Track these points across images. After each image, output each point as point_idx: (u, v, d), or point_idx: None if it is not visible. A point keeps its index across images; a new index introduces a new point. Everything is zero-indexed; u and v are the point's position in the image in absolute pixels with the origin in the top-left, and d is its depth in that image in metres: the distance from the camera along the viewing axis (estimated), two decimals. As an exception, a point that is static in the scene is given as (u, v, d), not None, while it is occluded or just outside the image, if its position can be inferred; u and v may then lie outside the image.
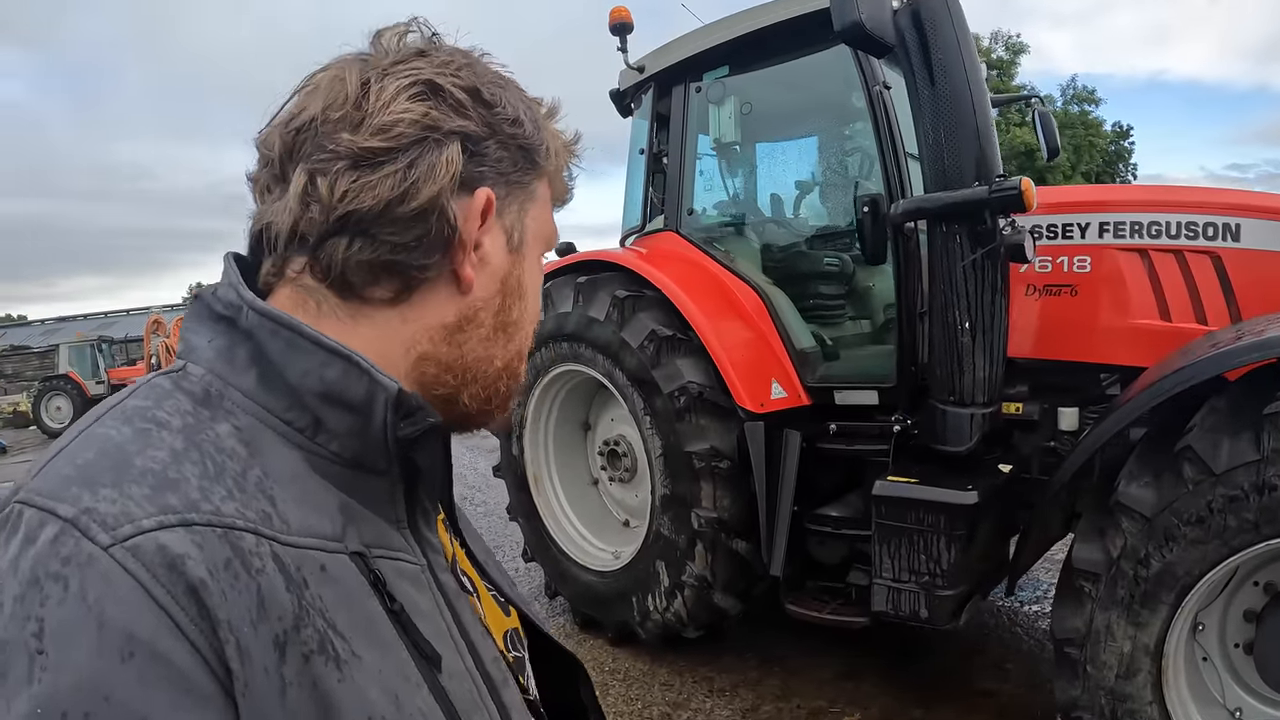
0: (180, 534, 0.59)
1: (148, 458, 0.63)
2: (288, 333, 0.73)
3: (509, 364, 0.90)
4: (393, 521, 0.78)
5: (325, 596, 0.66)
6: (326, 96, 0.77)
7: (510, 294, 0.88)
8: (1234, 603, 2.96)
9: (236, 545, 0.61)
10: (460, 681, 0.75)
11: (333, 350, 0.73)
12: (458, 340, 0.84)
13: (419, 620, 0.74)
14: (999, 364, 3.44)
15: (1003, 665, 4.43)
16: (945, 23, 3.24)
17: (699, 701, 4.23)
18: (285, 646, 0.61)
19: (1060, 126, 25.63)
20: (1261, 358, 2.65)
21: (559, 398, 5.16)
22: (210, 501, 0.62)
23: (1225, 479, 2.62)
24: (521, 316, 0.90)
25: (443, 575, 0.82)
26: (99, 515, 0.58)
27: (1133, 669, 2.87)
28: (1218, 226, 3.40)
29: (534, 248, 0.91)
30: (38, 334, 41.09)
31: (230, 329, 0.75)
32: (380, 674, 0.67)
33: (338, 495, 0.73)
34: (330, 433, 0.73)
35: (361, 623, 0.68)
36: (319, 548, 0.68)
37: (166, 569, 0.57)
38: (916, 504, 3.39)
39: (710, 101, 4.73)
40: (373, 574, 0.71)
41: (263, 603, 0.60)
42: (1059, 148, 5.52)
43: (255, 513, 0.64)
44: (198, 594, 0.57)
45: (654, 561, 4.39)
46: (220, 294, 0.78)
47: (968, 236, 3.27)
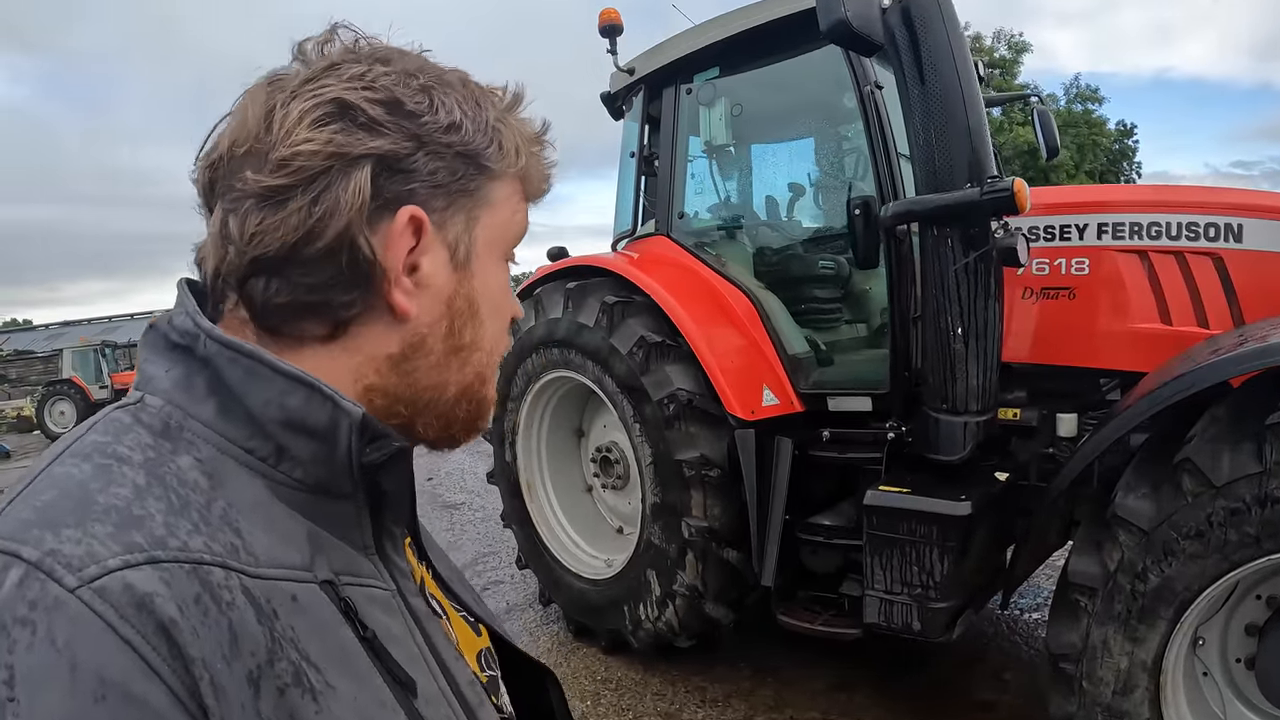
0: (147, 572, 0.57)
1: (110, 495, 0.61)
2: (247, 360, 0.71)
3: (467, 389, 0.86)
4: (360, 547, 0.77)
5: (297, 627, 0.64)
6: (234, 129, 0.74)
7: (459, 315, 0.82)
8: (1235, 617, 2.88)
9: (205, 580, 0.60)
10: (437, 706, 0.75)
11: (294, 378, 0.71)
12: (405, 370, 0.80)
13: (392, 646, 0.72)
14: (993, 371, 3.36)
15: (1001, 675, 4.35)
16: (936, 20, 3.16)
17: (691, 711, 4.17)
18: (260, 681, 0.60)
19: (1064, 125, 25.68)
20: (1263, 365, 2.56)
21: (551, 404, 5.09)
22: (176, 537, 0.61)
23: (1226, 491, 2.54)
24: (476, 337, 0.85)
25: (413, 599, 0.81)
26: (63, 557, 0.56)
27: (1130, 685, 2.79)
28: (1219, 227, 3.32)
29: (488, 258, 0.85)
30: (42, 338, 41.29)
31: (187, 358, 0.73)
32: (356, 702, 0.66)
33: (304, 523, 0.72)
34: (294, 460, 0.72)
35: (335, 652, 0.67)
36: (289, 578, 0.67)
37: (135, 608, 0.56)
38: (909, 515, 3.32)
39: (701, 103, 4.68)
40: (343, 602, 0.70)
41: (235, 638, 0.59)
42: (1058, 147, 5.45)
43: (222, 545, 0.63)
44: (168, 632, 0.56)
45: (645, 570, 4.32)
46: (176, 323, 0.75)
47: (959, 239, 3.19)
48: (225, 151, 0.74)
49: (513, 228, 0.88)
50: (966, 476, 3.49)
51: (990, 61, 41.66)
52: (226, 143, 0.74)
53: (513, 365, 4.90)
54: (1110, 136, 44.96)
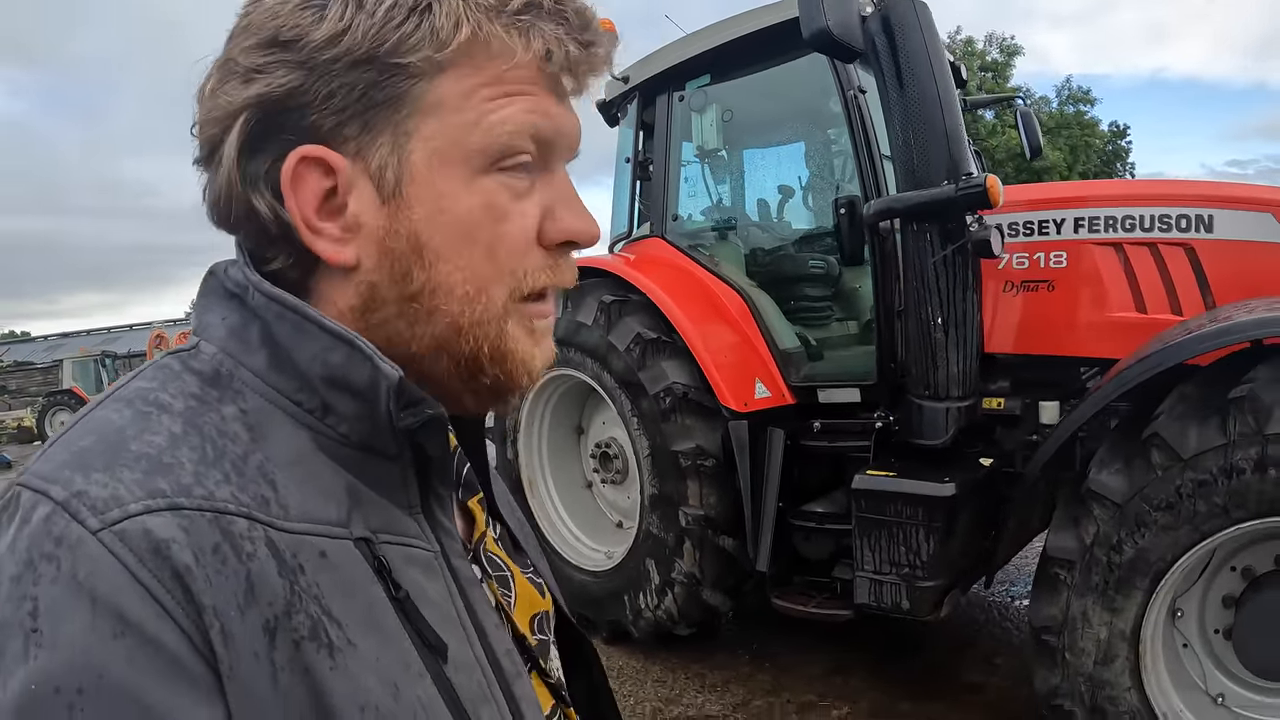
0: (167, 518, 0.58)
1: (144, 442, 0.62)
2: (294, 316, 0.70)
3: (447, 345, 0.74)
4: (405, 506, 0.74)
5: (322, 583, 0.64)
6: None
7: (399, 258, 0.71)
8: (1212, 588, 3.01)
9: (227, 530, 0.60)
10: (468, 673, 0.72)
11: (337, 335, 0.69)
12: (374, 324, 0.74)
13: (425, 608, 0.70)
14: (972, 358, 3.51)
15: (992, 660, 4.48)
16: (913, 27, 3.32)
17: (691, 697, 4.29)
18: (275, 632, 0.60)
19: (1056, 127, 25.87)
20: (1221, 344, 2.71)
21: (551, 402, 5.23)
22: (203, 486, 0.61)
23: (1193, 464, 2.69)
24: (432, 280, 0.72)
25: (457, 561, 0.77)
26: (89, 499, 0.57)
27: (1110, 655, 2.92)
28: (1191, 218, 3.46)
29: (443, 175, 0.71)
30: (41, 350, 41.26)
31: (241, 307, 0.73)
32: (378, 662, 0.65)
33: (345, 478, 0.70)
34: (339, 416, 0.70)
35: (361, 610, 0.66)
36: (320, 533, 0.66)
37: (151, 553, 0.56)
38: (895, 497, 3.46)
39: (693, 110, 4.83)
40: (378, 560, 0.68)
41: (252, 588, 0.59)
42: (1040, 147, 5.62)
43: (252, 497, 0.63)
44: (183, 579, 0.56)
45: (644, 560, 4.46)
46: (231, 272, 0.75)
47: (937, 234, 3.35)
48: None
49: (490, 125, 0.70)
50: (952, 461, 3.63)
51: (982, 64, 41.86)
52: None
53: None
54: (1103, 138, 45.06)
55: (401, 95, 0.68)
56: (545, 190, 0.76)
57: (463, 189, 0.71)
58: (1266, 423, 2.56)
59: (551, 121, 0.74)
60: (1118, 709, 2.92)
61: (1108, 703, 2.94)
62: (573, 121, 0.78)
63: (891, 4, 3.41)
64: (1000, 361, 3.90)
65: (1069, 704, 3.02)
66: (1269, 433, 2.55)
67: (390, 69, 0.67)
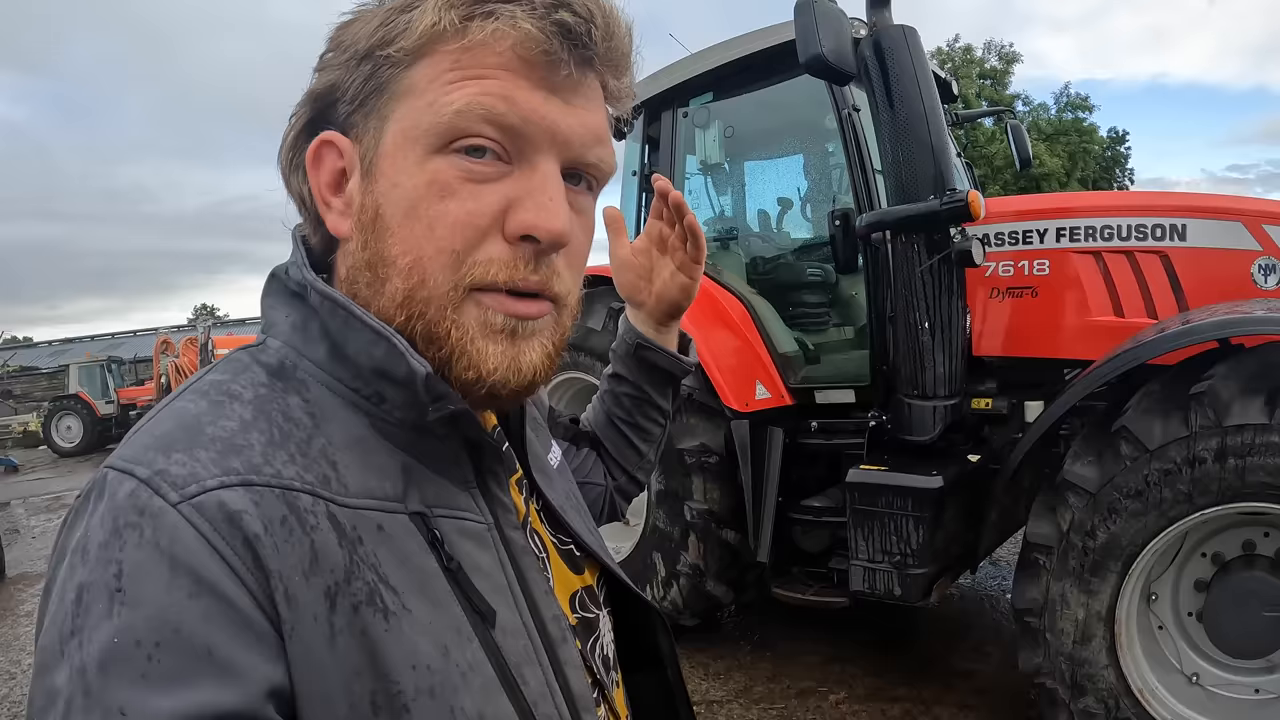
0: (240, 492, 0.63)
1: (218, 427, 0.68)
2: (343, 313, 0.75)
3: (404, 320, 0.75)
4: (461, 482, 0.80)
5: (379, 553, 0.69)
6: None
7: (364, 229, 0.76)
8: (1185, 574, 3.20)
9: (293, 504, 0.65)
10: (515, 637, 0.77)
11: (376, 331, 0.74)
12: (355, 291, 0.79)
13: (476, 578, 0.75)
14: (958, 360, 3.73)
15: (982, 648, 4.68)
16: (903, 51, 3.56)
17: (695, 684, 4.49)
18: (335, 597, 0.65)
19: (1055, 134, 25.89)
20: (1183, 344, 2.94)
21: (562, 404, 5.41)
22: (272, 465, 0.67)
23: (1159, 455, 2.89)
24: (383, 249, 0.75)
25: (511, 532, 0.82)
26: (170, 476, 0.63)
27: (1087, 634, 3.10)
28: (1165, 228, 3.66)
29: (401, 154, 0.74)
30: (45, 355, 41.17)
31: (303, 305, 0.79)
32: (430, 625, 0.70)
33: (401, 458, 0.76)
34: (391, 402, 0.76)
35: (415, 578, 0.71)
36: (377, 508, 0.71)
37: (226, 522, 0.62)
38: (886, 489, 3.66)
39: (696, 125, 5.05)
40: (431, 533, 0.74)
41: (315, 556, 0.65)
42: (1030, 159, 5.85)
43: (315, 476, 0.69)
44: (253, 545, 0.62)
45: (651, 553, 4.67)
46: (291, 273, 0.82)
47: (924, 245, 3.59)
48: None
49: (440, 106, 0.72)
50: (941, 457, 3.84)
51: (981, 72, 42.00)
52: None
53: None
54: (1102, 144, 45.13)
55: (384, 84, 0.74)
56: (518, 182, 0.75)
57: (415, 166, 0.73)
58: (1225, 416, 2.77)
59: (515, 108, 0.72)
60: (1096, 686, 3.10)
61: (1087, 680, 3.12)
62: (558, 113, 0.75)
63: (882, 29, 3.64)
64: (988, 364, 4.11)
65: (1050, 682, 3.20)
66: (1227, 425, 2.76)
67: (379, 61, 0.73)
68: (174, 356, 20.67)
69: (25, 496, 15.60)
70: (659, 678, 1.09)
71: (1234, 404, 2.77)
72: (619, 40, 0.78)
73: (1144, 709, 3.07)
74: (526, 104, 0.73)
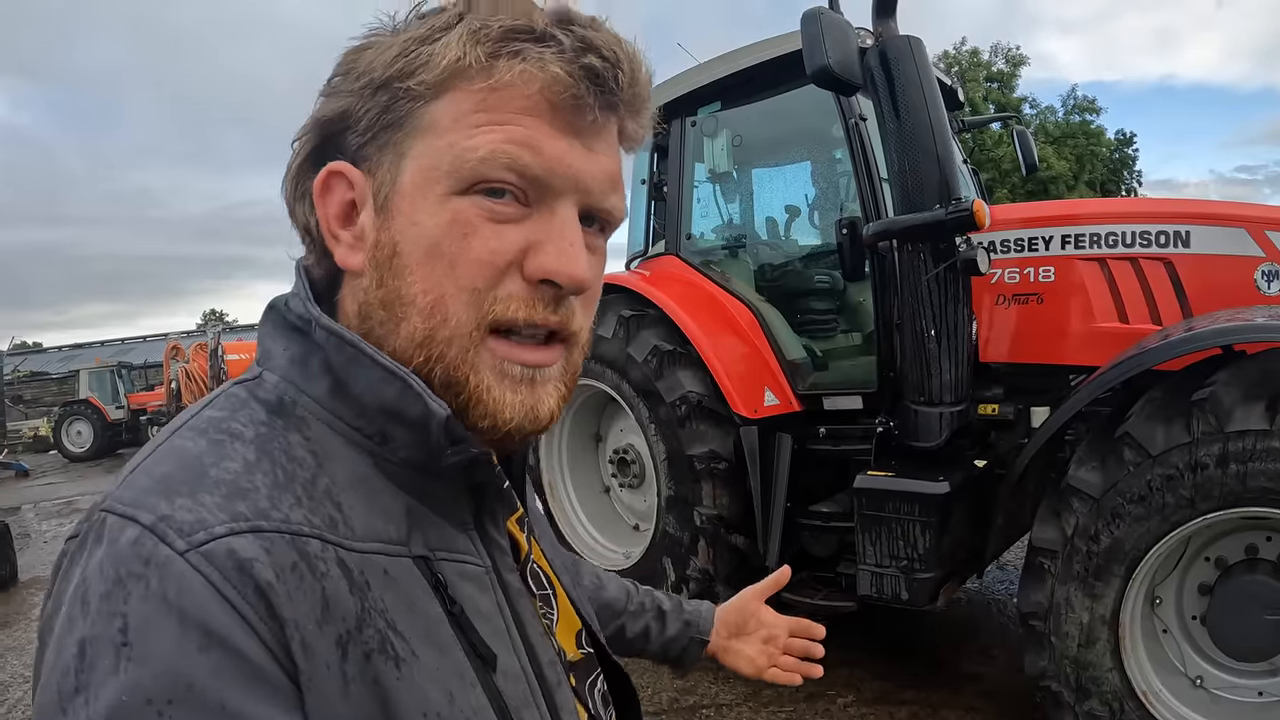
0: (250, 540, 0.61)
1: (221, 469, 0.65)
2: (350, 350, 0.73)
3: (421, 363, 0.74)
4: (459, 524, 0.78)
5: (387, 599, 0.67)
6: None
7: (380, 266, 0.75)
8: (1189, 578, 3.22)
9: (303, 550, 0.64)
10: (515, 682, 0.76)
11: (389, 370, 0.72)
12: (367, 329, 0.77)
13: (477, 622, 0.74)
14: (963, 366, 3.77)
15: (989, 652, 4.71)
16: (908, 61, 3.60)
17: (705, 687, 4.54)
18: (348, 645, 0.63)
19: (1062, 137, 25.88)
20: (1184, 351, 2.98)
21: (571, 410, 5.46)
22: (279, 509, 0.65)
23: (1162, 460, 2.93)
24: (402, 288, 0.74)
25: (508, 575, 0.81)
26: (175, 523, 0.60)
27: (1092, 638, 3.13)
28: (1169, 234, 3.68)
29: (420, 192, 0.73)
30: (55, 360, 41.26)
31: (304, 340, 0.77)
32: (438, 672, 0.68)
33: (404, 499, 0.74)
34: (397, 443, 0.74)
35: (421, 624, 0.69)
36: (383, 552, 0.70)
37: (237, 571, 0.59)
38: (893, 495, 3.70)
39: (704, 134, 5.11)
40: (435, 577, 0.72)
41: (327, 604, 0.63)
42: (1036, 165, 5.89)
43: (322, 519, 0.67)
44: (265, 594, 0.60)
45: (661, 559, 4.71)
46: (293, 305, 0.79)
47: (929, 253, 3.63)
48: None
49: (463, 150, 0.71)
50: (948, 462, 3.87)
51: (988, 75, 41.99)
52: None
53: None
54: (1109, 146, 45.04)
55: (403, 117, 0.73)
56: (538, 225, 0.75)
57: (436, 205, 0.72)
58: (1227, 422, 2.80)
59: (540, 158, 0.72)
60: (1101, 689, 3.13)
61: (1091, 683, 3.14)
62: (581, 160, 0.75)
63: (888, 39, 3.69)
64: (994, 370, 4.15)
65: (1056, 685, 3.23)
66: (1229, 431, 2.79)
67: (397, 93, 0.72)
68: (184, 362, 20.73)
69: (36, 501, 15.67)
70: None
71: (1236, 410, 2.81)
72: (641, 85, 0.77)
73: (1148, 712, 3.09)
74: (551, 153, 0.73)
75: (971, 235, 3.67)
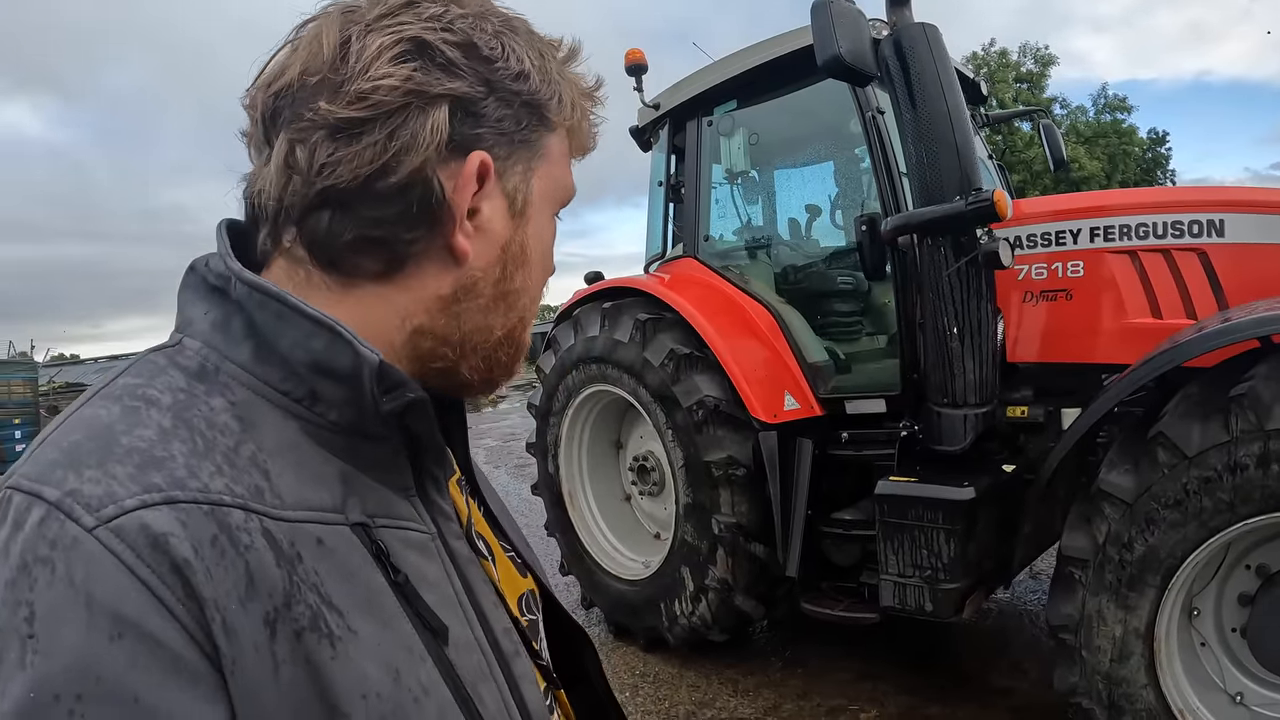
0: (164, 512, 0.57)
1: (134, 437, 0.62)
2: (275, 304, 0.71)
3: (510, 332, 0.85)
4: (400, 489, 0.76)
5: (320, 570, 0.64)
6: (305, 57, 0.73)
7: (512, 262, 0.82)
8: (1228, 587, 3.07)
9: (223, 521, 0.60)
10: (468, 653, 0.74)
11: (316, 321, 0.70)
12: (454, 312, 0.80)
13: (425, 591, 0.72)
14: (988, 366, 3.62)
15: (1020, 665, 4.54)
16: (924, 49, 3.48)
17: (724, 700, 4.41)
18: (276, 624, 0.60)
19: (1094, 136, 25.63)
20: (1220, 344, 2.82)
21: (591, 418, 5.41)
22: (197, 478, 0.61)
23: (1198, 461, 2.78)
24: (525, 283, 0.85)
25: (454, 542, 0.79)
26: (83, 497, 0.57)
27: (1125, 652, 2.99)
28: (1202, 224, 3.53)
29: (542, 209, 0.85)
30: (91, 372, 41.92)
31: (224, 301, 0.74)
32: (379, 647, 0.65)
33: (339, 465, 0.71)
34: (327, 402, 0.71)
35: (360, 596, 0.66)
36: (316, 520, 0.66)
37: (150, 547, 0.56)
38: (917, 501, 3.58)
39: (721, 134, 5.02)
40: (375, 545, 0.70)
41: (251, 580, 0.59)
42: (1064, 160, 5.73)
43: (245, 488, 0.63)
44: (182, 572, 0.56)
45: (679, 568, 4.61)
46: (212, 265, 0.76)
47: (950, 247, 3.50)
48: (295, 79, 0.72)
49: (564, 183, 0.88)
50: (974, 467, 3.74)
51: (1018, 76, 41.61)
52: (296, 70, 0.72)
53: (554, 382, 5.26)
54: (1142, 145, 44.47)
55: (537, 139, 0.82)
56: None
57: (547, 221, 0.87)
58: (1267, 419, 2.64)
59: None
60: (1134, 706, 2.99)
61: (1124, 700, 3.00)
62: None
63: (902, 27, 3.58)
64: (1023, 370, 4.00)
65: (1087, 702, 3.10)
66: (1270, 428, 2.63)
67: (540, 118, 0.81)
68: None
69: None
70: (588, 692, 1.09)
71: (1276, 406, 2.64)
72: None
73: (1185, 730, 2.93)
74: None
75: (994, 228, 3.52)
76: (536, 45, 0.81)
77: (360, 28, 0.72)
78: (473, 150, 0.75)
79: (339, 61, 0.71)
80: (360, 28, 0.72)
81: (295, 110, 0.72)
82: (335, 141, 0.71)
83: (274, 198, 0.74)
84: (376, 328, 0.76)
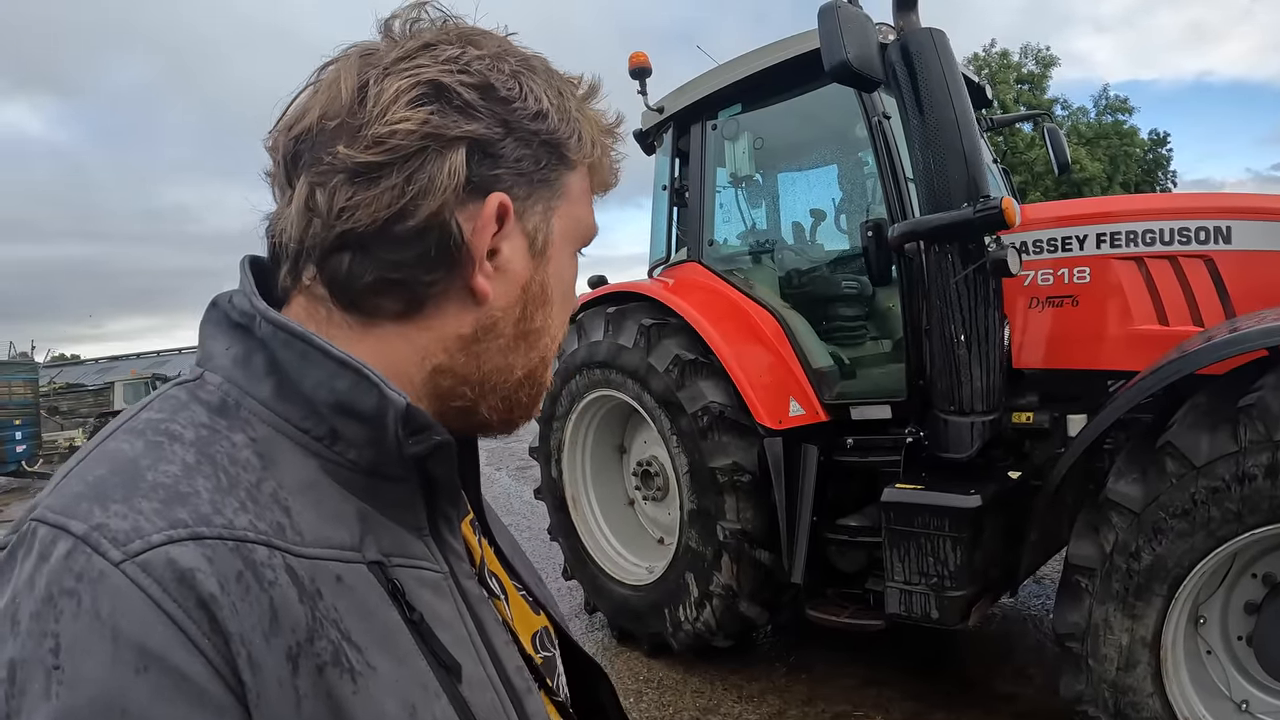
0: (190, 548, 0.58)
1: (159, 472, 0.62)
2: (300, 344, 0.71)
3: (531, 372, 0.86)
4: (414, 529, 0.76)
5: (340, 607, 0.65)
6: (324, 101, 0.74)
7: (532, 301, 0.83)
8: (1234, 596, 3.06)
9: (248, 558, 0.60)
10: (481, 691, 0.74)
11: (342, 362, 0.71)
12: (475, 351, 0.80)
13: (439, 629, 0.72)
14: (995, 373, 3.61)
15: (1025, 672, 4.53)
16: (931, 55, 3.48)
17: (728, 707, 4.40)
18: (298, 659, 0.60)
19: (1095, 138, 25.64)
20: (1229, 354, 2.81)
21: (594, 422, 5.41)
22: (222, 515, 0.61)
23: (1206, 471, 2.76)
24: (546, 323, 0.85)
25: (466, 582, 0.80)
26: (110, 531, 0.57)
27: (1132, 661, 2.98)
28: (1209, 230, 3.51)
29: (563, 248, 0.85)
30: (91, 372, 41.88)
31: (247, 337, 0.74)
32: (397, 684, 0.66)
33: (356, 503, 0.72)
34: (347, 442, 0.72)
35: (378, 633, 0.67)
36: (335, 558, 0.67)
37: (177, 582, 0.57)
38: (923, 509, 3.56)
39: (725, 138, 5.01)
40: (391, 583, 0.70)
41: (275, 615, 0.60)
42: (1068, 163, 5.72)
43: (269, 524, 0.64)
44: (208, 607, 0.57)
45: (684, 574, 4.60)
46: (236, 302, 0.76)
47: (958, 254, 3.49)
48: (314, 123, 0.73)
49: (585, 222, 0.88)
50: (980, 474, 3.72)
51: (1019, 77, 41.57)
52: (316, 114, 0.74)
53: (558, 386, 5.24)
54: (1143, 146, 44.42)
55: (557, 179, 0.82)
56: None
57: (568, 260, 0.88)
58: (1275, 429, 2.63)
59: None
60: (1140, 714, 2.98)
61: (1131, 709, 2.99)
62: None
63: (909, 33, 3.57)
64: (1029, 376, 3.99)
65: (1093, 710, 3.08)
66: (1278, 439, 2.62)
67: (560, 157, 0.81)
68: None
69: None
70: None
71: (1285, 417, 2.63)
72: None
73: (1192, 739, 2.92)
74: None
75: (1001, 235, 3.51)
76: (555, 84, 0.82)
77: (378, 71, 0.73)
78: (491, 191, 0.76)
79: (357, 106, 0.72)
80: (378, 71, 0.73)
81: (315, 154, 0.73)
82: (354, 185, 0.72)
83: (295, 239, 0.75)
84: (397, 366, 0.77)
